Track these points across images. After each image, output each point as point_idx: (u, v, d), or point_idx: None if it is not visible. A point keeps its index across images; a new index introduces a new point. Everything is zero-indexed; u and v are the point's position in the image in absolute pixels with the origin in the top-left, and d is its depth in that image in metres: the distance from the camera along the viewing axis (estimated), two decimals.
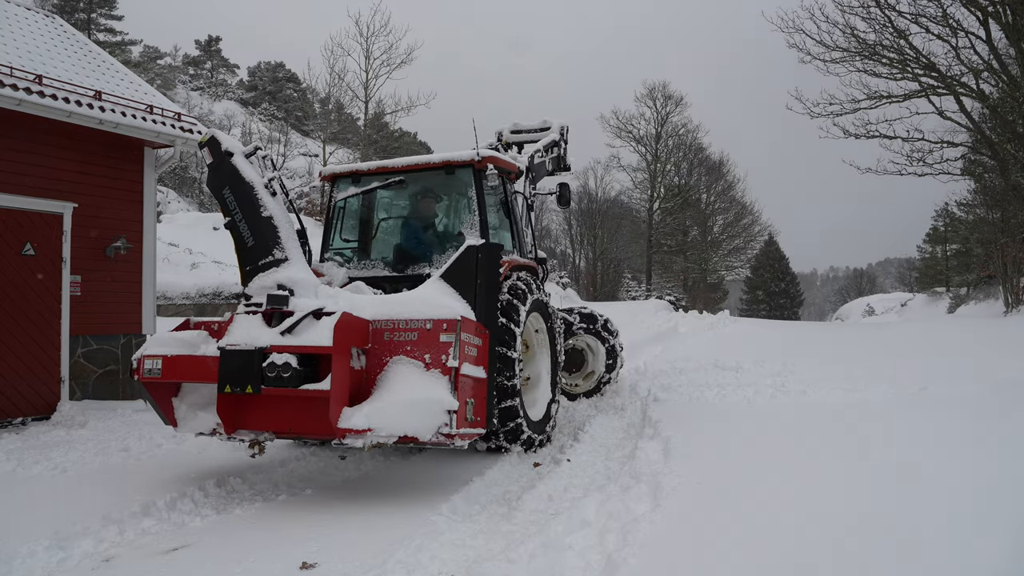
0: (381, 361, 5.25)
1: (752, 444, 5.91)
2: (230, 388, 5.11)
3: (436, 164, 7.18)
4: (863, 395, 7.90)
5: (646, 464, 5.54)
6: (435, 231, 7.46)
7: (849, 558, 3.61)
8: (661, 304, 27.66)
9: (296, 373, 4.94)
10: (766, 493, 4.55)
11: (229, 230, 5.74)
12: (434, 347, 5.13)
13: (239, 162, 5.79)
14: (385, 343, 5.29)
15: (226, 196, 5.72)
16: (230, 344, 5.20)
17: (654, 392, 9.05)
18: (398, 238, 7.57)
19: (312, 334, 5.08)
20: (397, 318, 5.32)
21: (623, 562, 3.81)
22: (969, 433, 5.66)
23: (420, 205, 7.59)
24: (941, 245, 46.69)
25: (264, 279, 5.52)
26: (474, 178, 7.07)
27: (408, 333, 5.26)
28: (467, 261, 5.78)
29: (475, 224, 6.95)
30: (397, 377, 5.13)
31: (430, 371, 5.09)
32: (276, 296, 5.31)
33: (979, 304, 26.91)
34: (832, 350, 12.27)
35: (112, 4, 48.52)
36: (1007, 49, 19.62)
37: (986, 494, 4.20)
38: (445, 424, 4.94)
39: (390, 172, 7.37)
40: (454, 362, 5.04)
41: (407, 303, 5.50)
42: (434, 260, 6.96)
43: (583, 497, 5.28)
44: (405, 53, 36.98)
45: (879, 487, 4.50)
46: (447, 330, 5.15)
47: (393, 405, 4.95)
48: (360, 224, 7.70)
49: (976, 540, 3.63)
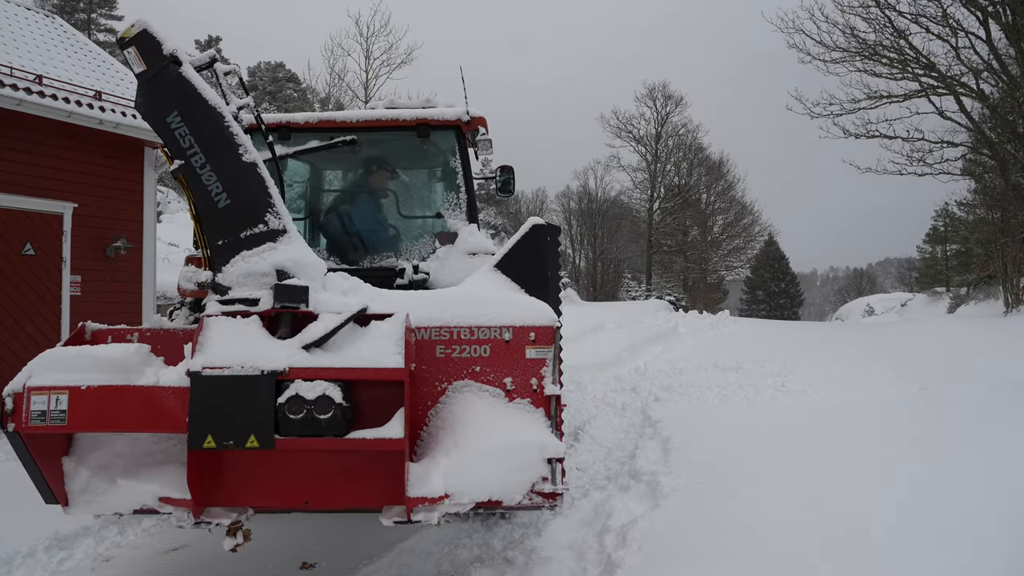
0: (434, 389, 3.75)
1: (752, 444, 5.91)
2: (215, 442, 3.19)
3: (407, 122, 5.43)
4: (863, 395, 7.90)
5: (646, 464, 5.54)
6: (400, 212, 5.81)
7: (849, 558, 3.61)
8: (661, 304, 27.68)
9: (342, 412, 3.25)
10: (766, 494, 4.55)
11: (181, 181, 3.77)
12: (518, 367, 3.71)
13: (192, 75, 3.82)
14: (438, 362, 3.75)
15: (174, 126, 3.73)
16: (213, 366, 3.26)
17: (654, 392, 9.06)
18: (350, 219, 5.72)
19: (363, 350, 3.42)
20: (456, 324, 3.78)
21: (622, 562, 3.82)
22: (969, 433, 5.66)
23: (379, 176, 5.82)
24: (941, 245, 46.68)
25: (253, 260, 3.67)
26: (458, 143, 5.53)
27: (475, 347, 3.76)
28: (536, 245, 4.25)
29: (459, 203, 5.42)
30: (468, 413, 3.61)
31: (515, 402, 3.66)
32: (288, 289, 3.53)
33: (979, 304, 26.89)
34: (832, 350, 12.27)
35: (112, 4, 48.56)
36: (1007, 49, 19.62)
37: (986, 494, 4.21)
38: (543, 478, 3.48)
39: (338, 129, 5.48)
40: (554, 387, 3.64)
41: (465, 301, 3.92)
42: (403, 250, 5.38)
43: (582, 497, 5.28)
44: (405, 53, 36.95)
45: (879, 487, 4.50)
46: (537, 342, 3.72)
47: (478, 456, 3.44)
48: (293, 199, 5.82)
49: (976, 540, 3.64)
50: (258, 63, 61.69)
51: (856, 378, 8.92)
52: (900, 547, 3.66)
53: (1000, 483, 4.36)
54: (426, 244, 5.26)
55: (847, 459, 5.15)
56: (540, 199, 51.57)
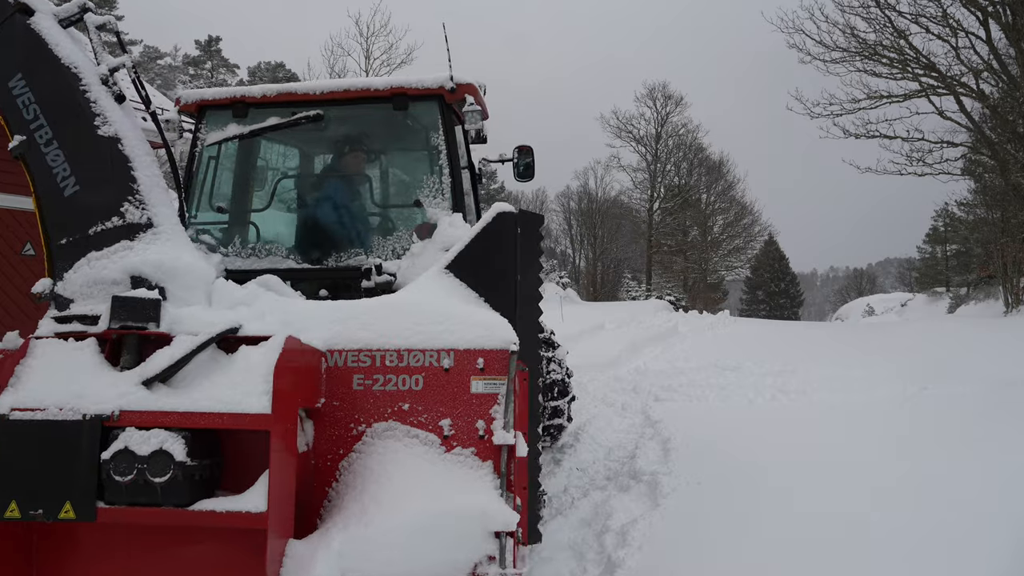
0: (348, 433, 2.89)
1: (752, 444, 5.91)
2: (19, 510, 2.41)
3: (380, 92, 4.53)
4: (863, 395, 7.89)
5: (646, 464, 5.54)
6: (373, 199, 4.87)
7: (849, 558, 3.61)
8: (661, 304, 27.65)
9: (184, 474, 2.43)
10: (766, 493, 4.55)
11: (22, 161, 3.07)
12: (460, 405, 2.86)
13: (48, 27, 3.06)
14: (356, 396, 2.92)
15: (16, 91, 2.98)
16: (21, 407, 2.50)
17: (654, 392, 9.05)
18: (310, 209, 4.89)
19: (219, 386, 2.56)
20: (380, 347, 2.94)
21: (622, 562, 3.82)
22: (970, 433, 5.66)
23: (349, 156, 4.94)
24: (941, 245, 46.66)
25: (101, 265, 2.86)
26: (442, 117, 4.56)
27: (404, 377, 2.90)
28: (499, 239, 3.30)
29: (442, 189, 4.42)
30: (389, 468, 2.76)
31: (453, 453, 2.81)
32: (132, 302, 2.66)
33: (979, 304, 26.91)
34: (832, 350, 12.26)
35: (112, 4, 48.53)
36: (1007, 49, 19.61)
37: (986, 494, 4.20)
38: (489, 558, 2.60)
39: (299, 102, 4.60)
40: (507, 435, 2.77)
41: (396, 315, 3.04)
42: (375, 245, 4.45)
43: (582, 497, 5.28)
44: (405, 53, 36.98)
45: (879, 487, 4.50)
46: (487, 371, 2.86)
47: (391, 530, 2.58)
48: (246, 185, 4.95)
49: (976, 539, 3.64)
50: (258, 63, 61.71)
51: (856, 378, 8.91)
52: (900, 546, 3.66)
53: (1000, 483, 4.36)
54: (402, 238, 4.42)
55: (847, 459, 5.15)
56: (540, 199, 51.56)
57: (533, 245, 3.47)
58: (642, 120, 45.45)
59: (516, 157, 5.87)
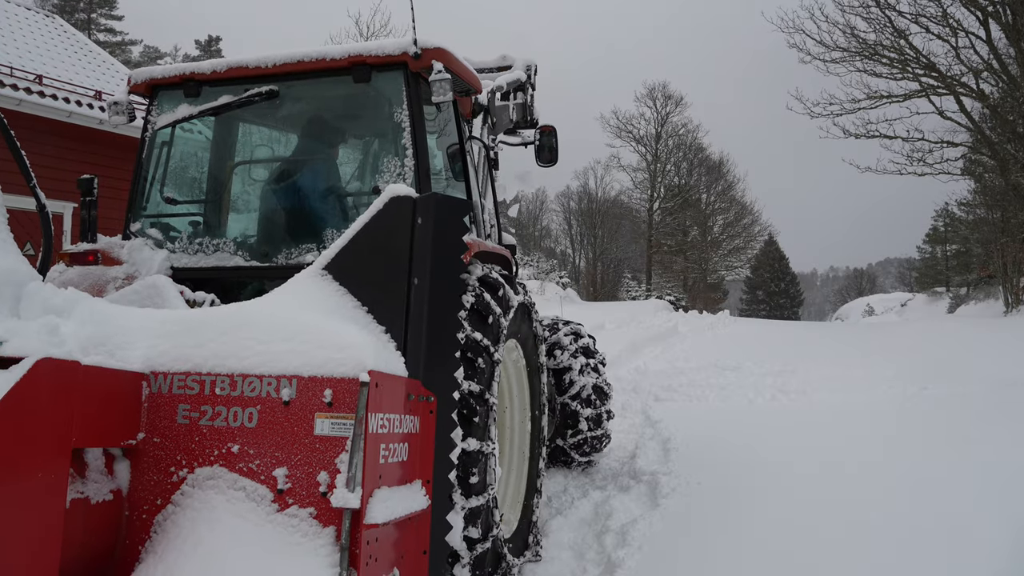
0: (168, 478, 2.37)
1: (752, 444, 5.91)
2: None
3: (337, 62, 3.98)
4: (864, 395, 7.90)
5: (646, 464, 5.54)
6: (332, 186, 4.28)
7: (849, 557, 3.61)
8: (661, 304, 27.66)
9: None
10: (766, 493, 4.55)
11: None
12: (299, 448, 2.30)
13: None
14: (180, 431, 2.39)
15: None
16: None
17: (654, 392, 9.06)
18: (266, 199, 4.40)
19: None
20: (210, 370, 2.40)
21: (622, 562, 3.82)
22: (969, 433, 5.66)
23: (306, 138, 4.51)
24: (941, 245, 46.67)
25: None
26: (407, 88, 3.93)
27: (236, 410, 2.35)
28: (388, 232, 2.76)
29: (405, 171, 3.83)
30: (202, 529, 2.22)
31: (287, 512, 2.25)
32: None
33: (979, 304, 26.92)
34: (832, 350, 12.28)
35: (112, 4, 48.47)
36: (1007, 49, 19.63)
37: (986, 493, 4.21)
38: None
39: (252, 78, 4.15)
40: (349, 495, 2.15)
41: (237, 331, 2.49)
42: (329, 238, 3.87)
43: (582, 497, 5.28)
44: None
45: (879, 487, 4.50)
46: (335, 406, 2.29)
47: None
48: (198, 173, 4.60)
49: (976, 539, 3.64)
50: None
51: (856, 378, 8.92)
52: (900, 546, 3.66)
53: (1000, 483, 4.36)
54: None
55: (847, 459, 5.15)
56: (540, 199, 51.58)
57: (447, 240, 2.85)
58: (642, 120, 45.50)
59: (539, 138, 5.44)
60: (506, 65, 6.40)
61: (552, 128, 5.48)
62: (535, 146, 5.45)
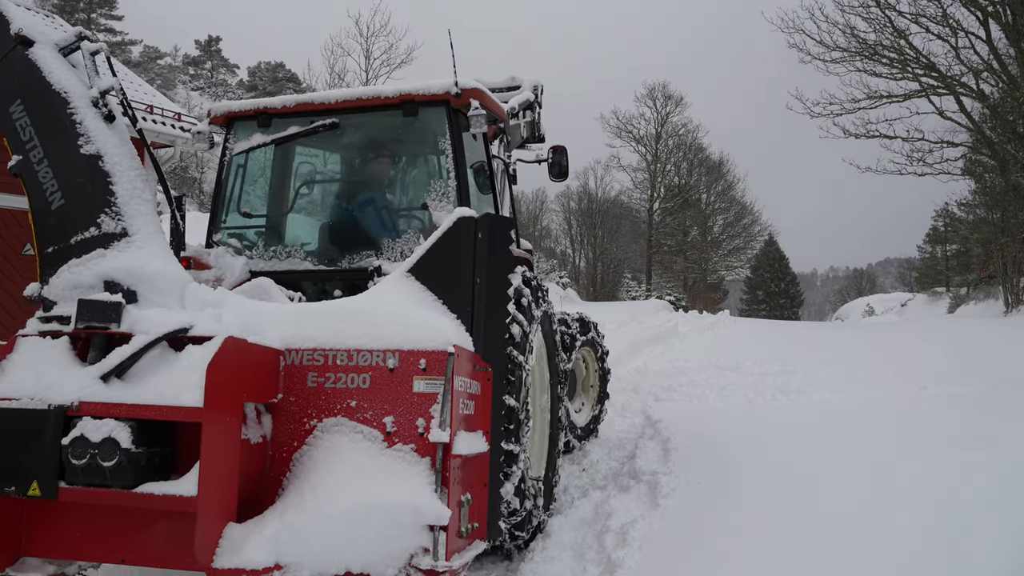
0: (302, 427, 3.12)
1: (752, 444, 5.91)
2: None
3: (390, 100, 4.77)
4: (864, 395, 7.90)
5: (646, 464, 5.55)
6: (386, 202, 5.08)
7: (848, 558, 3.61)
8: (661, 304, 27.67)
9: (129, 459, 2.68)
10: (766, 493, 4.56)
11: (20, 179, 3.36)
12: (402, 403, 3.04)
13: (44, 57, 3.38)
14: (310, 392, 3.14)
15: (16, 116, 3.33)
16: (4, 397, 2.83)
17: (654, 392, 9.06)
18: (328, 213, 5.29)
19: (163, 381, 2.79)
20: (332, 346, 3.16)
21: (622, 562, 3.82)
22: (969, 433, 5.66)
23: (363, 162, 5.35)
24: (941, 245, 46.66)
25: (79, 270, 3.14)
26: (449, 122, 4.72)
27: (353, 375, 3.10)
28: (457, 243, 3.53)
29: (449, 191, 4.60)
30: (332, 460, 2.96)
31: (395, 448, 2.99)
32: (95, 304, 2.92)
33: (979, 304, 26.92)
34: (832, 350, 12.27)
35: (112, 4, 48.51)
36: (1007, 49, 19.62)
37: (986, 494, 4.21)
38: (424, 549, 2.78)
39: (316, 112, 4.92)
40: (442, 433, 2.91)
41: (351, 318, 3.27)
42: (385, 247, 4.64)
43: (582, 497, 5.29)
44: (405, 53, 37.01)
45: (879, 487, 4.51)
46: (428, 371, 3.04)
47: (324, 519, 2.80)
48: (270, 191, 5.28)
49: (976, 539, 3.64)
50: (258, 63, 61.74)
51: (856, 378, 8.91)
52: (900, 546, 3.67)
53: (1000, 482, 4.36)
54: (410, 240, 4.60)
55: (847, 459, 5.15)
56: (540, 199, 51.59)
57: (499, 248, 3.64)
58: (642, 120, 45.47)
59: (551, 157, 6.20)
60: (515, 85, 7.20)
61: (563, 147, 6.24)
62: (548, 163, 6.21)
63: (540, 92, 7.34)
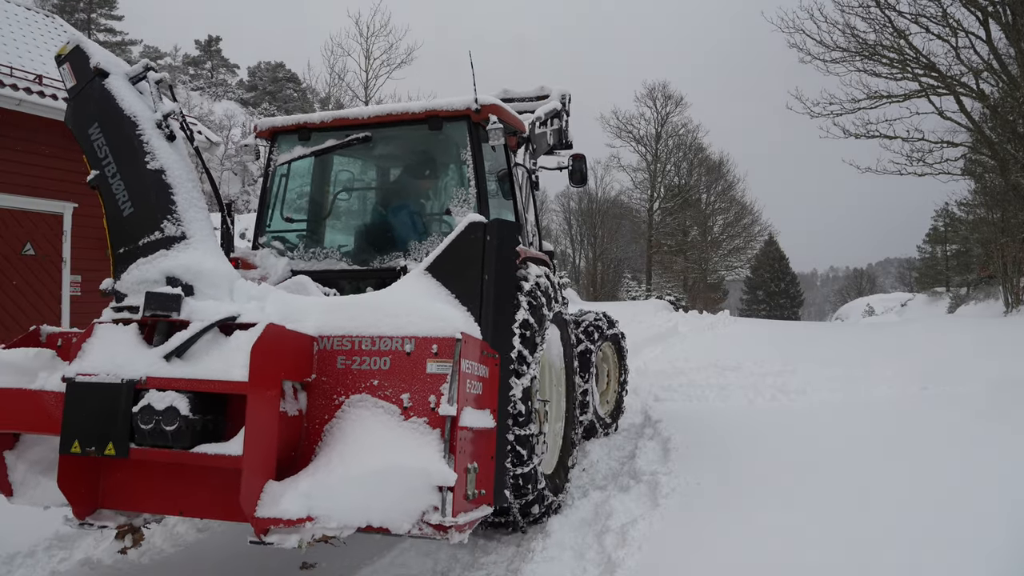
0: (332, 402, 3.60)
1: (752, 445, 5.92)
2: (80, 447, 3.28)
3: (417, 115, 5.32)
4: (864, 395, 7.90)
5: (646, 464, 5.55)
6: (413, 208, 5.63)
7: (848, 558, 3.61)
8: (661, 304, 27.68)
9: (187, 425, 3.20)
10: (766, 494, 4.56)
11: (97, 191, 3.95)
12: (417, 382, 3.48)
13: (117, 86, 4.01)
14: (339, 373, 3.62)
15: (93, 137, 3.94)
16: (83, 373, 3.35)
17: (654, 392, 9.05)
18: (362, 218, 5.91)
19: (215, 360, 3.33)
20: (358, 333, 3.63)
21: (622, 562, 3.82)
22: (969, 433, 5.66)
23: (393, 172, 5.99)
24: (941, 245, 46.67)
25: (145, 268, 3.72)
26: (470, 135, 5.26)
27: (375, 359, 3.58)
28: (468, 245, 3.99)
29: (469, 198, 5.18)
30: (357, 430, 3.45)
31: (410, 421, 3.44)
32: (159, 296, 3.46)
33: (979, 304, 26.93)
34: (832, 350, 12.28)
35: (112, 4, 48.56)
36: (1007, 49, 19.62)
37: (986, 494, 4.21)
38: (434, 508, 3.22)
39: (351, 126, 5.50)
40: (450, 408, 3.36)
41: (374, 310, 3.75)
42: (412, 249, 5.17)
43: (582, 497, 5.29)
44: (405, 53, 36.96)
45: (878, 487, 4.51)
46: (439, 355, 3.48)
47: (349, 479, 3.28)
48: (309, 198, 5.89)
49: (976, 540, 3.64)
50: (258, 63, 61.76)
51: (856, 378, 8.91)
52: (900, 546, 3.67)
53: (1000, 482, 4.37)
54: (435, 243, 4.99)
55: (846, 459, 5.16)
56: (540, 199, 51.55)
57: (508, 249, 4.12)
58: (642, 120, 45.48)
59: (571, 164, 6.70)
60: (543, 95, 7.86)
61: (582, 155, 6.72)
62: (568, 170, 6.70)
63: (568, 101, 7.95)
